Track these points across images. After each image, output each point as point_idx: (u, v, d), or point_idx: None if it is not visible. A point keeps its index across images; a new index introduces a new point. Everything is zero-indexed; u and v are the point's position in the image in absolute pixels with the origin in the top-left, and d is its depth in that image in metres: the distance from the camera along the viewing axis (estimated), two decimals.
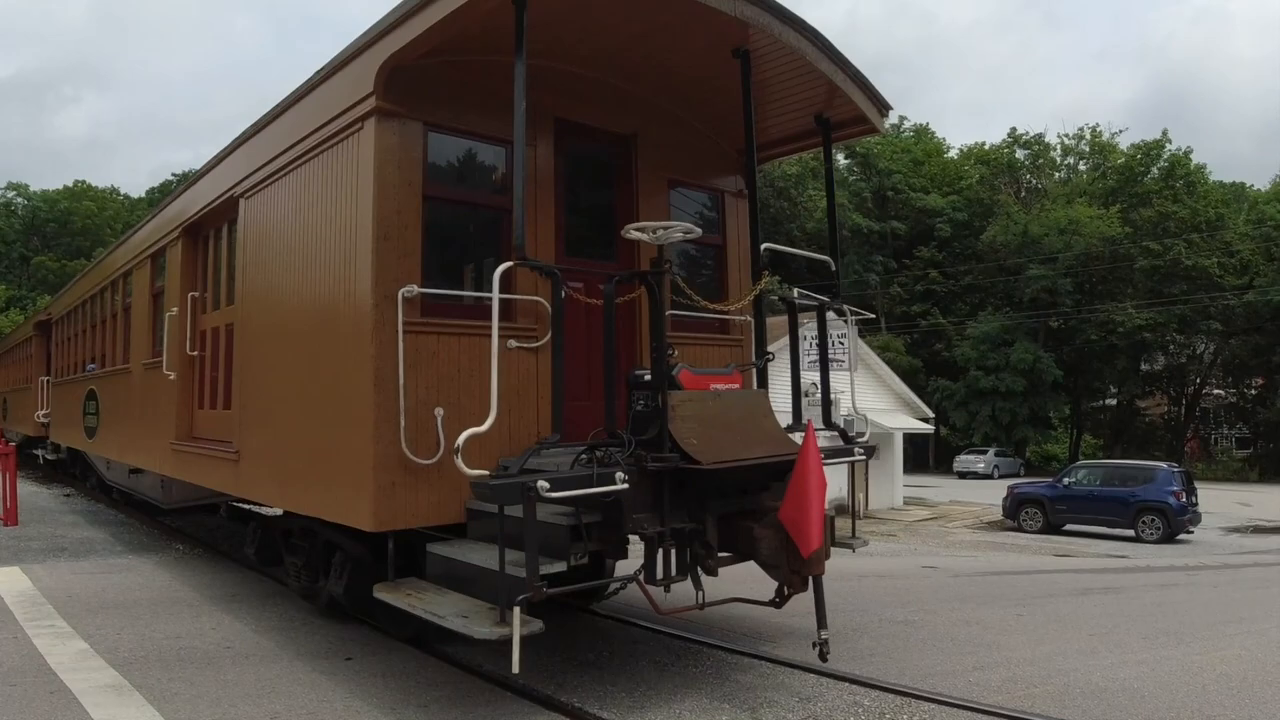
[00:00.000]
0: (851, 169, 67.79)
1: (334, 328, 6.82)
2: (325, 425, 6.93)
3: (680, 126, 8.21)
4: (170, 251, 10.76)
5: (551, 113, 7.26)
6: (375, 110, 6.37)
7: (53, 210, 76.64)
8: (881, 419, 27.63)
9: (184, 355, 10.19)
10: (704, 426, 6.03)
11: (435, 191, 6.72)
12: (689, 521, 6.16)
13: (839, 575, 13.50)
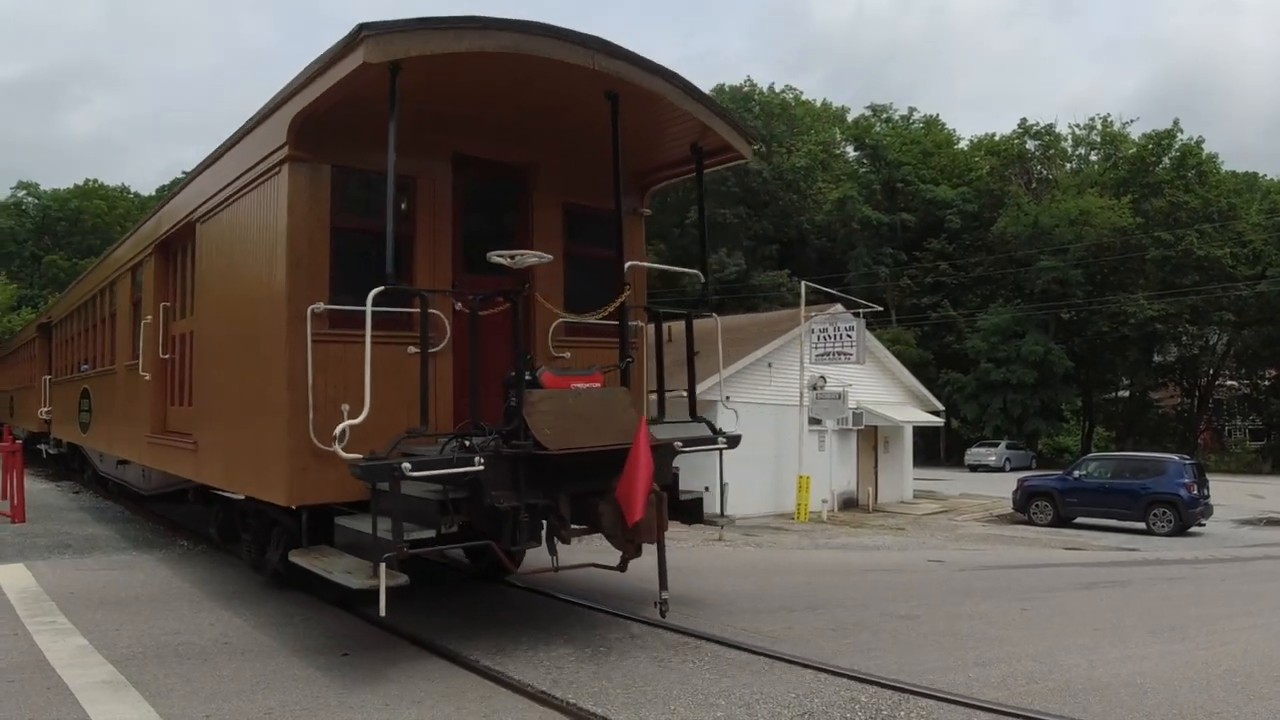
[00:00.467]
0: (861, 160, 67.52)
1: (260, 337, 8.03)
2: (254, 418, 8.14)
3: (577, 156, 8.96)
4: (145, 266, 11.94)
5: (450, 148, 8.33)
6: (288, 158, 7.53)
7: (63, 209, 76.77)
8: (890, 412, 27.51)
9: (157, 358, 11.25)
10: (559, 419, 7.00)
11: (341, 223, 7.78)
12: (544, 498, 7.15)
13: (843, 569, 13.51)
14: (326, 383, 7.34)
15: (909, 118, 70.77)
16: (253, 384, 8.24)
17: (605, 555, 8.13)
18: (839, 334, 23.55)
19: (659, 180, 10.23)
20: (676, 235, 66.71)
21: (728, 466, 20.39)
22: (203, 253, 9.86)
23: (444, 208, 8.37)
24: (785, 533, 19.62)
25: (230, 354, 8.95)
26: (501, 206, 9.15)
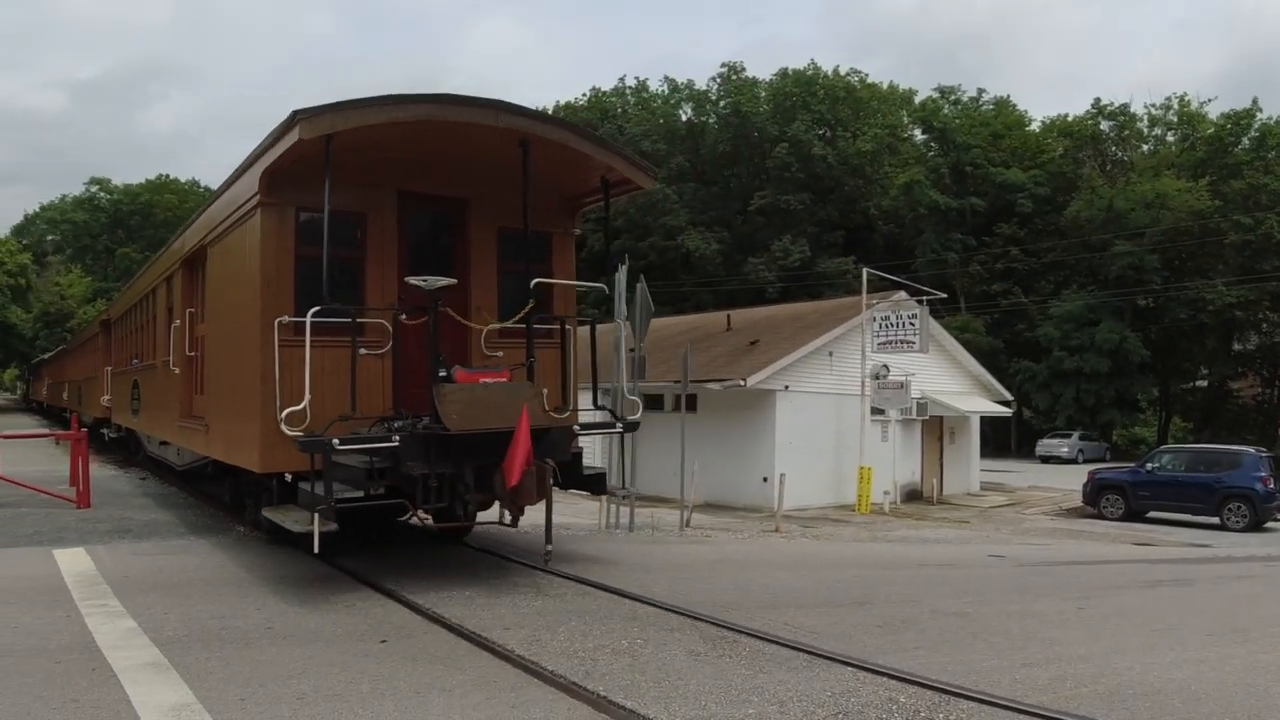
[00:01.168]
0: (928, 144, 66.17)
1: (244, 341, 9.89)
2: (240, 405, 10.09)
3: (509, 188, 10.23)
4: (176, 277, 13.87)
5: (395, 187, 10.17)
6: (260, 204, 9.48)
7: (135, 203, 78.92)
8: (956, 402, 26.94)
9: (185, 355, 13.18)
10: (465, 407, 8.63)
11: (303, 252, 9.48)
12: (451, 469, 8.79)
13: (897, 564, 13.23)
14: (290, 378, 8.87)
15: (978, 99, 69.05)
16: (239, 377, 10.16)
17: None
18: (901, 322, 23.11)
19: (585, 205, 11.79)
20: (739, 222, 66.28)
21: (785, 457, 20.51)
22: (210, 271, 11.98)
23: (390, 236, 10.20)
24: (844, 525, 19.34)
25: (227, 353, 10.90)
26: (442, 233, 10.90)
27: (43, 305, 68.67)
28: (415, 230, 10.58)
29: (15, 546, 11.53)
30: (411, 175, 10.26)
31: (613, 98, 78.87)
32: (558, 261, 11.37)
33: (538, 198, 10.15)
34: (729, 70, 71.29)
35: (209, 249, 11.84)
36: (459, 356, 10.12)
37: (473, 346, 10.36)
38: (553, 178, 10.60)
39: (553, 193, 11.07)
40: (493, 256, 10.80)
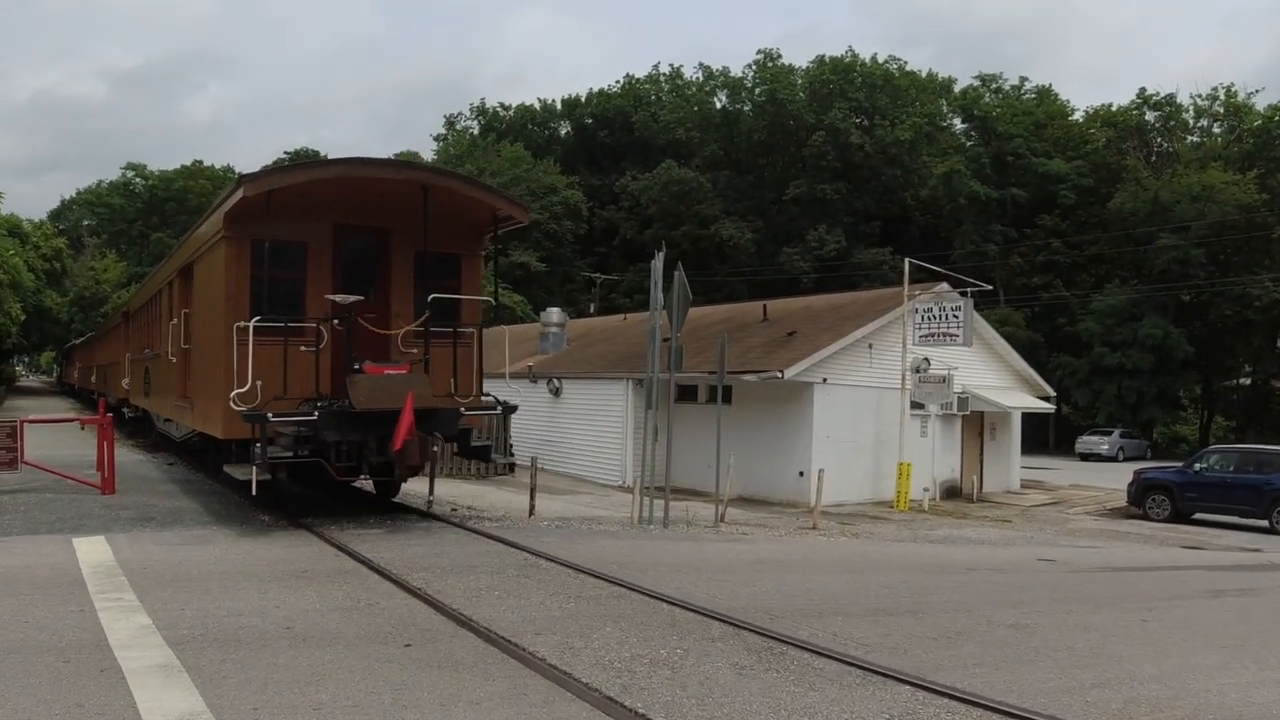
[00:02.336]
0: (969, 133, 64.99)
1: (213, 339, 12.47)
2: (210, 388, 12.75)
3: (441, 209, 12.78)
4: (175, 283, 16.29)
5: (331, 221, 12.66)
6: (224, 237, 12.13)
7: (170, 189, 79.27)
8: (998, 397, 26.21)
9: (180, 348, 15.56)
10: (370, 391, 11.46)
11: (256, 273, 12.01)
12: (358, 437, 11.61)
13: (945, 567, 12.69)
14: (241, 368, 11.40)
15: (1020, 88, 67.61)
16: (211, 367, 12.70)
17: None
18: (944, 314, 22.42)
19: (487, 232, 14.13)
20: (774, 211, 65.53)
21: (822, 451, 20.00)
22: (195, 282, 14.64)
23: (327, 260, 12.65)
24: (884, 522, 18.78)
25: (204, 348, 13.50)
26: (370, 256, 13.19)
27: (78, 289, 69.20)
28: (348, 254, 13.01)
29: (36, 534, 11.30)
30: (345, 211, 12.77)
31: (646, 85, 78.25)
32: (467, 277, 13.86)
33: (448, 227, 13.10)
34: (765, 57, 70.34)
35: (194, 264, 14.58)
36: (381, 353, 12.55)
37: (393, 345, 12.72)
38: (457, 213, 13.33)
39: (461, 223, 13.61)
40: (411, 274, 13.13)
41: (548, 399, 26.68)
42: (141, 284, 25.39)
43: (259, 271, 11.95)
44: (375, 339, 12.49)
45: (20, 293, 45.70)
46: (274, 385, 11.48)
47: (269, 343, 11.55)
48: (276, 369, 11.55)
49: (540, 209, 64.15)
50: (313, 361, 11.89)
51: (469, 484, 21.62)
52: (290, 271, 12.34)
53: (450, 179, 14.07)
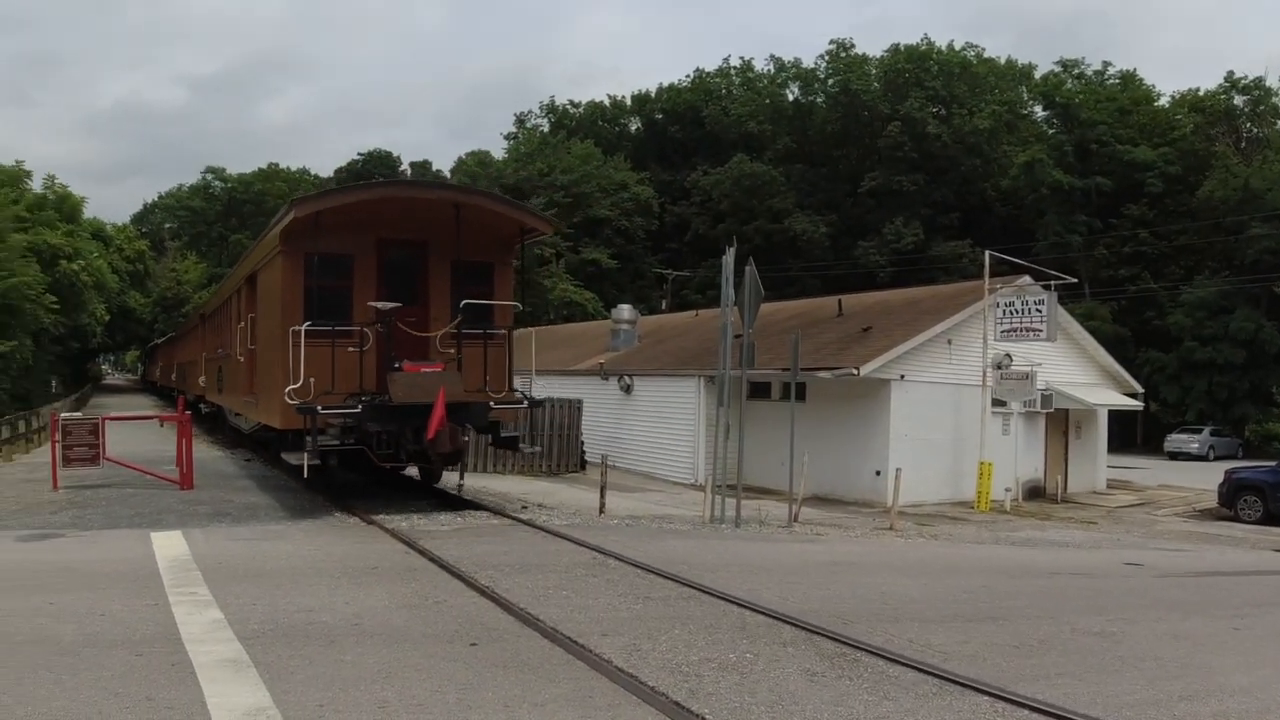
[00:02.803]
0: (1050, 120, 63.24)
1: (273, 341, 13.89)
2: (271, 385, 14.03)
3: (464, 227, 13.93)
4: (242, 291, 17.84)
5: (375, 236, 13.92)
6: (280, 251, 13.58)
7: (247, 191, 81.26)
8: (1083, 394, 25.36)
9: (247, 348, 17.11)
10: (407, 387, 12.64)
11: (310, 283, 13.27)
12: (395, 428, 12.90)
13: (1027, 571, 12.27)
14: (302, 367, 12.57)
15: (1103, 74, 65.54)
16: (271, 365, 14.13)
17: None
18: (1027, 308, 21.74)
19: (516, 242, 15.25)
20: (849, 204, 64.60)
21: (899, 450, 19.58)
22: (258, 290, 16.13)
23: (372, 270, 13.91)
24: (963, 523, 18.28)
25: (265, 348, 15.07)
26: (410, 266, 14.35)
27: (160, 290, 71.33)
28: (390, 265, 14.16)
29: (115, 528, 11.58)
30: (386, 227, 14.02)
31: (717, 79, 77.69)
32: (498, 284, 14.98)
33: (479, 238, 14.29)
34: (837, 47, 69.31)
35: (258, 274, 16.07)
36: (421, 353, 13.71)
37: (431, 346, 13.91)
38: (487, 226, 14.46)
39: (491, 235, 14.70)
40: (447, 281, 14.36)
41: (618, 396, 26.61)
42: (216, 288, 28.11)
43: (310, 281, 13.30)
44: (415, 340, 13.69)
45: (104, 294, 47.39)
46: (324, 382, 12.87)
47: (319, 344, 12.90)
48: (326, 367, 12.93)
49: (610, 205, 64.26)
50: (357, 360, 13.31)
51: (540, 481, 21.65)
52: (338, 281, 13.67)
53: (479, 197, 16.09)
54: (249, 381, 16.95)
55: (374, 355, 13.39)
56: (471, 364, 14.04)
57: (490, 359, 14.32)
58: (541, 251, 58.99)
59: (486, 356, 14.26)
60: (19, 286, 32.11)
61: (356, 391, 13.06)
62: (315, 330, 12.79)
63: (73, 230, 43.85)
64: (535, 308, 56.72)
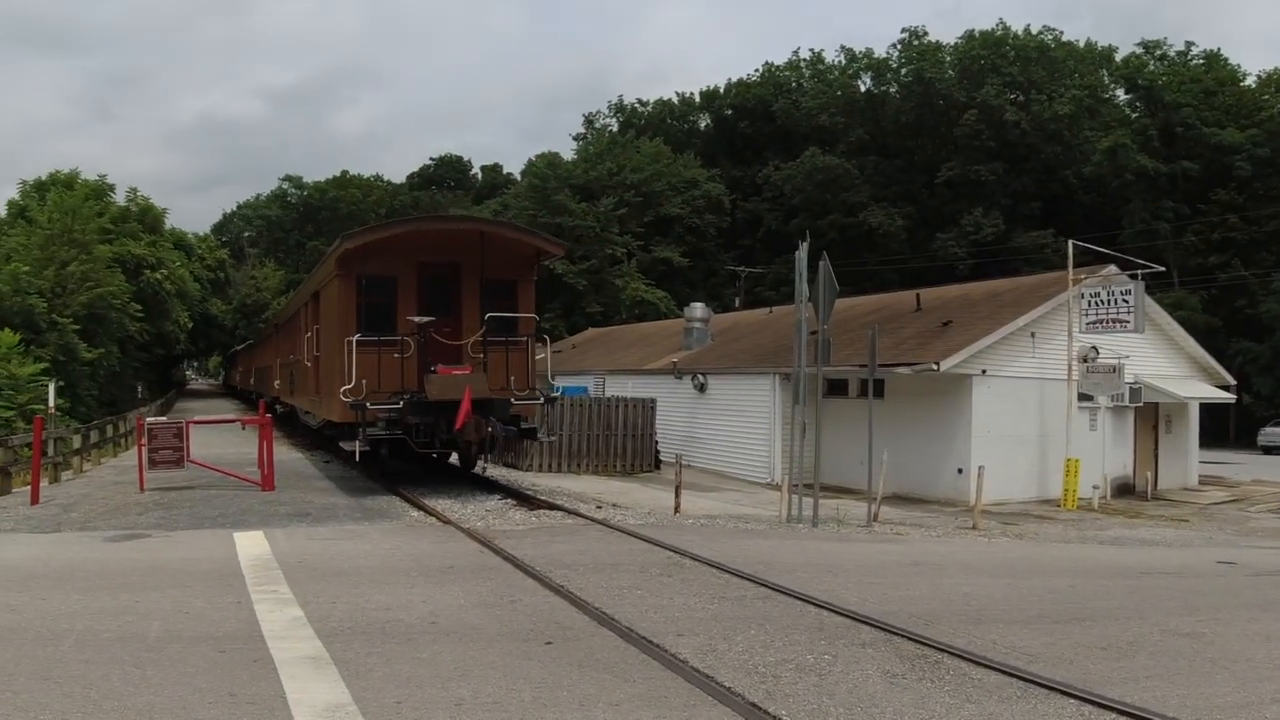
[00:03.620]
0: (1133, 104, 61.29)
1: (334, 349, 16.09)
2: (331, 386, 16.06)
3: (489, 251, 16.26)
4: (308, 305, 20.42)
5: (415, 259, 16.07)
6: (336, 275, 15.93)
7: (322, 199, 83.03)
8: (1173, 387, 24.50)
9: (313, 355, 19.27)
10: (440, 386, 14.83)
11: (363, 300, 15.60)
12: (431, 420, 14.96)
13: (1115, 571, 11.89)
14: (357, 370, 14.95)
15: (1186, 54, 63.23)
16: (332, 370, 16.23)
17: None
18: (1113, 299, 21.04)
19: (536, 263, 17.54)
20: (926, 196, 63.51)
21: (982, 447, 19.19)
22: (321, 305, 18.41)
23: (411, 289, 16.09)
24: (1049, 522, 17.78)
25: (327, 356, 17.19)
26: (445, 284, 16.45)
27: (240, 297, 73.22)
28: (428, 284, 16.29)
29: (200, 528, 11.88)
30: (424, 252, 16.22)
31: (786, 72, 76.86)
32: (521, 299, 17.04)
33: (503, 260, 16.58)
34: (910, 36, 68.12)
35: (320, 291, 18.55)
36: (455, 358, 15.83)
37: (464, 352, 16.03)
38: (509, 250, 16.74)
39: (513, 258, 16.84)
40: (477, 297, 16.31)
41: (692, 395, 26.51)
42: (288, 301, 31.18)
43: (361, 299, 15.67)
44: (449, 347, 15.88)
45: (187, 301, 48.91)
46: (372, 383, 15.11)
47: (369, 351, 15.19)
48: (374, 371, 15.18)
49: (681, 203, 64.09)
50: (400, 365, 15.43)
51: (615, 480, 21.69)
52: (384, 298, 15.83)
53: (500, 227, 19.06)
54: (315, 384, 19.10)
55: (414, 360, 15.55)
56: (496, 367, 16.16)
57: (512, 362, 16.49)
58: (613, 251, 59.21)
59: (509, 360, 16.41)
60: (106, 296, 33.27)
61: (399, 390, 15.12)
62: (365, 340, 15.14)
63: (155, 240, 45.35)
64: (607, 307, 56.93)
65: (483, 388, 15.19)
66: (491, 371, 15.96)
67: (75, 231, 33.46)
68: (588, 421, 23.69)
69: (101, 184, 44.16)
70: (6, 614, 7.43)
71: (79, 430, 20.78)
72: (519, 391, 16.25)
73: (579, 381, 32.02)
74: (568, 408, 23.63)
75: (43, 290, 30.11)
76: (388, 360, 15.30)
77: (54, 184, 42.50)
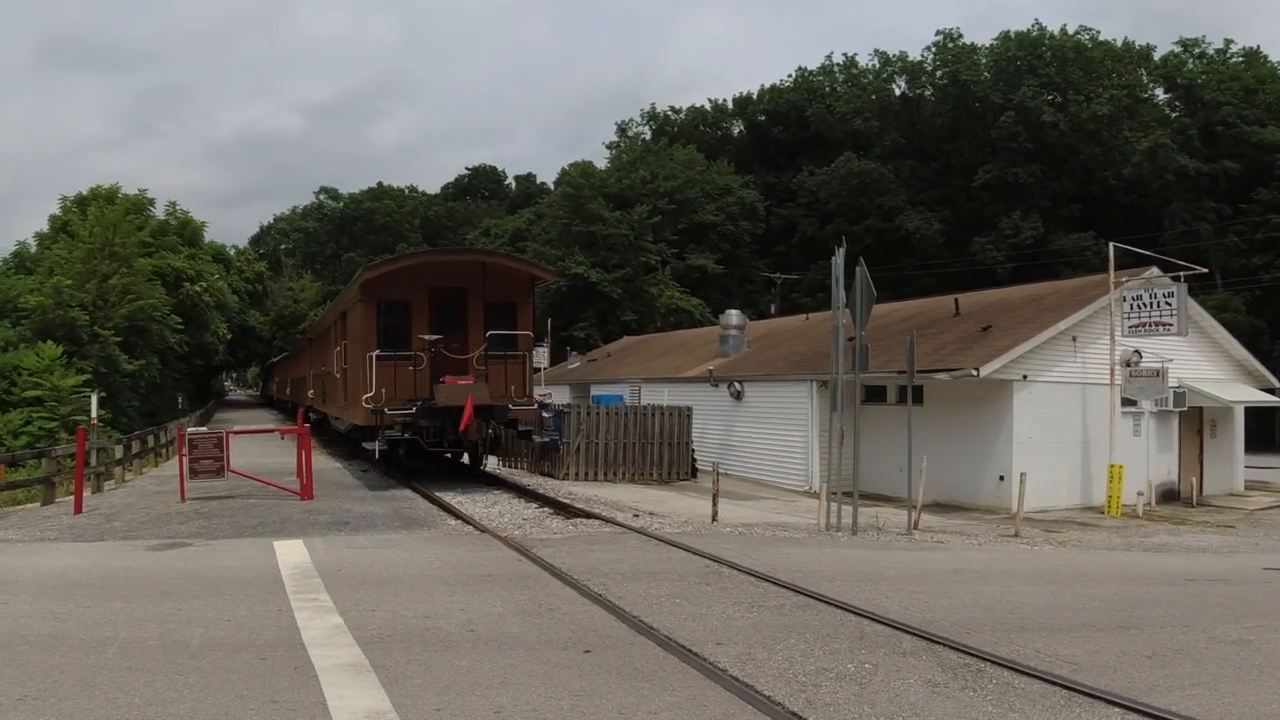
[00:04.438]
0: (1172, 103, 60.36)
1: (358, 362, 18.41)
2: (356, 395, 18.32)
3: (489, 278, 18.66)
4: (337, 324, 22.87)
5: (427, 285, 18.32)
6: (359, 299, 18.46)
7: (358, 209, 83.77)
8: (1218, 390, 24.06)
9: (341, 367, 21.44)
10: (448, 394, 17.19)
11: (382, 321, 17.96)
12: (439, 423, 17.18)
13: (1161, 578, 11.69)
14: (376, 380, 17.31)
15: (1225, 52, 62.17)
16: (356, 381, 18.55)
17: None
18: (1156, 301, 20.70)
19: (532, 287, 20.02)
20: (963, 199, 62.97)
21: (1024, 454, 18.96)
22: (347, 324, 20.58)
23: (423, 311, 18.28)
24: (1093, 529, 17.52)
25: (352, 369, 19.42)
26: (453, 306, 18.61)
27: (278, 309, 73.99)
28: (438, 306, 18.51)
29: (240, 537, 11.99)
30: (435, 278, 18.58)
31: (820, 76, 76.53)
32: (520, 318, 19.26)
33: (503, 285, 18.98)
34: (944, 38, 67.55)
35: (346, 312, 20.80)
36: (461, 370, 18.10)
37: (470, 365, 18.30)
38: (508, 276, 19.21)
39: (512, 282, 19.24)
40: (481, 317, 18.58)
41: (729, 402, 26.42)
42: (320, 318, 34.30)
43: (380, 320, 18.10)
44: (457, 361, 18.19)
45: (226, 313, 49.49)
46: (390, 392, 17.48)
47: (387, 364, 17.60)
48: (391, 381, 17.60)
49: (715, 210, 63.96)
50: (413, 376, 17.75)
51: (651, 489, 21.66)
52: (400, 319, 18.14)
53: (499, 257, 22.04)
54: (343, 393, 21.30)
55: (426, 372, 17.86)
56: (496, 377, 18.39)
57: (510, 374, 18.72)
58: (647, 259, 59.21)
59: (507, 372, 18.65)
60: (146, 308, 33.79)
61: (413, 398, 17.44)
62: (383, 355, 17.58)
63: (194, 253, 45.98)
64: (642, 315, 56.90)
65: (484, 395, 17.52)
66: (492, 381, 18.20)
67: (116, 245, 33.95)
68: (624, 430, 23.68)
69: (141, 198, 44.84)
70: (52, 622, 7.53)
71: (121, 441, 21.11)
72: (517, 398, 18.41)
73: (614, 390, 32.05)
74: (603, 416, 23.66)
75: (84, 303, 30.61)
76: (403, 372, 17.66)
77: (94, 199, 43.16)
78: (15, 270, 39.61)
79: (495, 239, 70.03)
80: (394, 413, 16.98)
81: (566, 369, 41.84)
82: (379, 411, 16.93)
